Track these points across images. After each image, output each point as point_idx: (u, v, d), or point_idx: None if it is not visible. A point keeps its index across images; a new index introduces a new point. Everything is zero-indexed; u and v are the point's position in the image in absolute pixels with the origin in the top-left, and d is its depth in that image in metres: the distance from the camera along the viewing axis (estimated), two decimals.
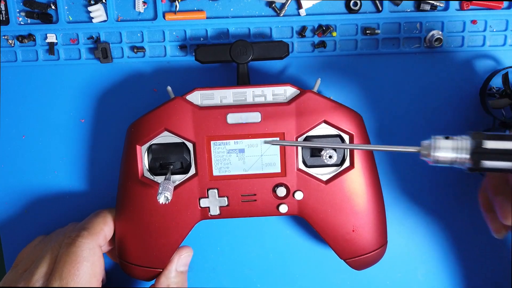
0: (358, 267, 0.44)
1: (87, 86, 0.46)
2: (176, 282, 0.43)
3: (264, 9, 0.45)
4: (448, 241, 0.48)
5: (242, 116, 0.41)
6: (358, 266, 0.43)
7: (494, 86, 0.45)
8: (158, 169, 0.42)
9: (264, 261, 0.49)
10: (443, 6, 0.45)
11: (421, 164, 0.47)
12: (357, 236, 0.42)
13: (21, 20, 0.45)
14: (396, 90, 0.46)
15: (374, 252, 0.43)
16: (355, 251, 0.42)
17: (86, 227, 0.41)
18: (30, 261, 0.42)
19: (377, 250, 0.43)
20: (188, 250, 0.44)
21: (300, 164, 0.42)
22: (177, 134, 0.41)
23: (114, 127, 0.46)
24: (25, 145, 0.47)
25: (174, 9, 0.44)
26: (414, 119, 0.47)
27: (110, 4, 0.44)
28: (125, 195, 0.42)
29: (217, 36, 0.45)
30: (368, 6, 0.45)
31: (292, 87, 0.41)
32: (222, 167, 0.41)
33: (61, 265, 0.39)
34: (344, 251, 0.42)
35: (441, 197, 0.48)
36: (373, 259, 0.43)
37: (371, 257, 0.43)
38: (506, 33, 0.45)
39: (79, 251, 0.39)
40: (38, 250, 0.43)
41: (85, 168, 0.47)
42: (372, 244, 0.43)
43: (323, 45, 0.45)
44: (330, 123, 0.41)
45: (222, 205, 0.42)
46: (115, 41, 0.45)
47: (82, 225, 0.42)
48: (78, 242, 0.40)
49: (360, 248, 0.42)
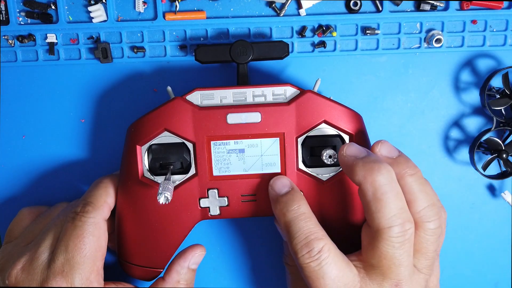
0: None
1: (87, 86, 0.46)
2: (186, 279, 0.43)
3: (264, 9, 0.45)
4: (448, 241, 0.48)
5: (242, 116, 0.41)
6: None
7: (494, 86, 0.45)
8: (158, 169, 0.42)
9: (264, 261, 0.49)
10: (443, 6, 0.45)
11: (420, 164, 0.48)
12: (357, 236, 0.42)
13: (21, 20, 0.45)
14: (396, 90, 0.46)
15: None
16: (355, 251, 0.42)
17: (89, 201, 0.41)
18: (32, 235, 0.42)
19: None
20: (202, 249, 0.43)
21: (300, 164, 0.42)
22: (177, 134, 0.41)
23: (114, 127, 0.46)
24: (25, 145, 0.47)
25: (174, 9, 0.44)
26: (414, 119, 0.47)
27: (110, 4, 0.44)
28: (125, 195, 0.42)
29: (217, 36, 0.45)
30: (368, 6, 0.45)
31: (292, 87, 0.41)
32: (222, 167, 0.41)
33: (66, 239, 0.39)
34: (344, 251, 0.42)
35: (441, 196, 0.48)
36: None
37: None
38: (506, 33, 0.45)
39: (85, 225, 0.39)
40: (39, 224, 0.42)
41: (85, 168, 0.47)
42: None
43: (323, 45, 0.45)
44: (330, 123, 0.41)
45: (222, 205, 0.42)
46: (115, 41, 0.45)
47: (86, 199, 0.41)
48: (83, 218, 0.40)
49: (360, 247, 0.42)
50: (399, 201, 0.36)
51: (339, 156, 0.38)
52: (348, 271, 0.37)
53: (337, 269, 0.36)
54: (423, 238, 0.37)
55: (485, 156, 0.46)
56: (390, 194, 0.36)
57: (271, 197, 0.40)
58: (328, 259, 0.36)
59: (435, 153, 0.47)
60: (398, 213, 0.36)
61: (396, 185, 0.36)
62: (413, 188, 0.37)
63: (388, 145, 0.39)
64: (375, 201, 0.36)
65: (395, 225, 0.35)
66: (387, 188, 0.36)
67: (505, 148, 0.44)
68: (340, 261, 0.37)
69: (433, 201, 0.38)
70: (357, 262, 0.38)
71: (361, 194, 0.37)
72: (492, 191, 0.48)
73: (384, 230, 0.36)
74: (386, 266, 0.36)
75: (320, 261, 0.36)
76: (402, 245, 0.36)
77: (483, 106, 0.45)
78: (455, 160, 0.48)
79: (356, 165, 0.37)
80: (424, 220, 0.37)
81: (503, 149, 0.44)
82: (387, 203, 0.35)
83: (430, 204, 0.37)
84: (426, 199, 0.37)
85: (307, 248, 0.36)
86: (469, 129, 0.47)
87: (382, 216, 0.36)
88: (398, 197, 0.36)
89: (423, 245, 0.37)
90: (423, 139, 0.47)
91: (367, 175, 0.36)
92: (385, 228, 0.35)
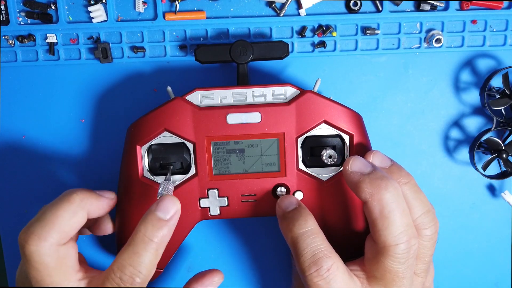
0: None
1: (87, 86, 0.46)
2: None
3: (264, 9, 0.45)
4: (448, 241, 0.48)
5: (242, 116, 0.41)
6: None
7: (494, 86, 0.45)
8: (158, 169, 0.42)
9: (264, 261, 0.49)
10: (443, 6, 0.45)
11: (420, 164, 0.48)
12: (357, 237, 0.42)
13: (21, 20, 0.45)
14: (396, 90, 0.46)
15: None
16: (354, 251, 0.42)
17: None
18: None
19: None
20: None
21: (300, 164, 0.42)
22: (177, 134, 0.41)
23: (114, 127, 0.46)
24: (25, 145, 0.47)
25: (174, 9, 0.44)
26: (414, 119, 0.47)
27: (110, 4, 0.44)
28: (125, 196, 0.42)
29: (217, 36, 0.45)
30: (368, 6, 0.45)
31: (292, 87, 0.41)
32: (222, 167, 0.41)
33: (47, 207, 0.38)
34: (344, 252, 0.42)
35: (441, 196, 0.48)
36: None
37: None
38: (506, 33, 0.45)
39: (68, 195, 0.38)
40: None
41: (85, 168, 0.47)
42: None
43: (323, 45, 0.45)
44: (330, 123, 0.41)
45: (222, 205, 0.42)
46: (115, 41, 0.45)
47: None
48: (70, 192, 0.38)
49: (360, 248, 0.42)
50: (406, 218, 0.36)
51: (344, 172, 0.38)
52: (353, 285, 0.37)
53: (343, 285, 0.36)
54: (420, 245, 0.38)
55: (485, 156, 0.46)
56: (396, 212, 0.36)
57: (277, 214, 0.40)
58: (336, 277, 0.36)
59: (435, 153, 0.47)
60: (404, 231, 0.36)
61: (402, 202, 0.36)
62: (407, 196, 0.37)
63: (380, 155, 0.39)
64: (382, 218, 0.36)
65: (401, 242, 0.35)
66: (394, 206, 0.36)
67: (505, 148, 0.44)
68: (346, 277, 0.37)
69: (428, 207, 0.38)
70: (359, 272, 0.38)
71: (368, 211, 0.36)
72: (492, 191, 0.48)
73: (390, 247, 0.36)
74: (390, 279, 0.36)
75: (329, 280, 0.36)
76: (407, 260, 0.36)
77: (483, 106, 0.45)
78: (455, 160, 0.48)
79: (363, 182, 0.36)
80: (421, 228, 0.38)
81: (503, 149, 0.44)
82: (394, 221, 0.35)
83: (425, 211, 0.38)
84: (421, 207, 0.38)
85: (315, 267, 0.36)
86: (469, 129, 0.47)
87: (389, 234, 0.35)
88: (405, 214, 0.36)
89: (420, 251, 0.38)
90: (423, 139, 0.47)
91: (374, 193, 0.36)
92: (391, 245, 0.36)
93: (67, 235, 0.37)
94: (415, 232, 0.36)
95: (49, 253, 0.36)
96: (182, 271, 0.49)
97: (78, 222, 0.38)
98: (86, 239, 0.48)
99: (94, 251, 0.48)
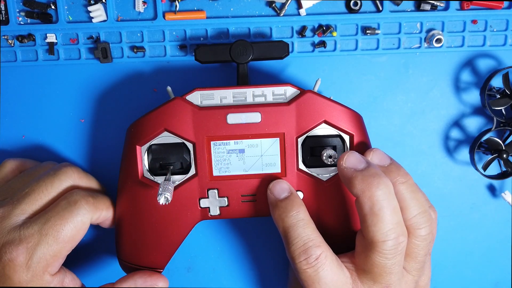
0: None
1: (87, 86, 0.46)
2: None
3: (264, 9, 0.45)
4: (448, 241, 0.48)
5: (242, 116, 0.41)
6: None
7: (494, 86, 0.45)
8: (158, 169, 0.42)
9: (264, 261, 0.49)
10: (443, 6, 0.45)
11: (420, 164, 0.48)
12: (355, 237, 0.41)
13: (21, 20, 0.45)
14: (396, 90, 0.46)
15: None
16: (351, 249, 0.42)
17: (93, 196, 0.41)
18: (11, 190, 0.41)
19: None
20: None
21: (300, 164, 0.42)
22: (177, 134, 0.41)
23: (114, 127, 0.46)
24: (25, 145, 0.47)
25: (174, 9, 0.44)
26: (414, 119, 0.47)
27: (110, 4, 0.44)
28: (125, 196, 0.42)
29: (217, 36, 0.45)
30: (368, 6, 0.45)
31: (292, 87, 0.41)
32: (222, 167, 0.41)
33: (52, 214, 0.38)
34: (341, 250, 0.42)
35: (441, 196, 0.48)
36: None
37: None
38: (506, 33, 0.45)
39: (76, 214, 0.39)
40: (21, 181, 0.41)
41: (85, 168, 0.47)
42: None
43: (323, 45, 0.45)
44: (330, 123, 0.41)
45: (222, 205, 0.42)
46: (115, 41, 0.45)
47: (91, 193, 0.41)
48: (80, 206, 0.39)
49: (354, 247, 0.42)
50: (395, 216, 0.36)
51: (338, 166, 0.39)
52: (342, 275, 0.38)
53: (332, 274, 0.37)
54: (414, 244, 0.38)
55: (485, 156, 0.46)
56: (386, 209, 0.36)
57: (269, 201, 0.41)
58: (324, 265, 0.37)
59: (435, 153, 0.47)
60: (393, 228, 0.36)
61: (393, 200, 0.37)
62: (404, 195, 0.38)
63: (380, 153, 0.40)
64: (372, 215, 0.36)
65: (389, 239, 0.36)
66: (384, 203, 0.36)
67: (505, 148, 0.44)
68: (335, 266, 0.38)
69: (424, 208, 0.38)
70: (349, 264, 0.39)
71: (358, 206, 0.37)
72: (492, 191, 0.48)
73: (378, 243, 0.36)
74: (378, 273, 0.37)
75: (317, 268, 0.37)
76: (394, 256, 0.37)
77: (483, 106, 0.45)
78: (455, 160, 0.48)
79: (355, 178, 0.37)
80: (415, 227, 0.38)
81: (504, 149, 0.44)
82: (383, 218, 0.36)
83: (421, 211, 0.38)
84: (417, 206, 0.38)
85: (304, 255, 0.37)
86: (469, 129, 0.47)
87: (378, 230, 0.36)
88: (395, 212, 0.36)
89: (413, 250, 0.38)
90: (423, 139, 0.47)
91: (365, 189, 0.36)
92: (379, 241, 0.36)
93: (96, 221, 0.42)
94: (404, 230, 0.37)
95: (87, 225, 0.40)
96: (182, 271, 0.49)
97: (104, 217, 0.42)
98: (85, 240, 0.48)
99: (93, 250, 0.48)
